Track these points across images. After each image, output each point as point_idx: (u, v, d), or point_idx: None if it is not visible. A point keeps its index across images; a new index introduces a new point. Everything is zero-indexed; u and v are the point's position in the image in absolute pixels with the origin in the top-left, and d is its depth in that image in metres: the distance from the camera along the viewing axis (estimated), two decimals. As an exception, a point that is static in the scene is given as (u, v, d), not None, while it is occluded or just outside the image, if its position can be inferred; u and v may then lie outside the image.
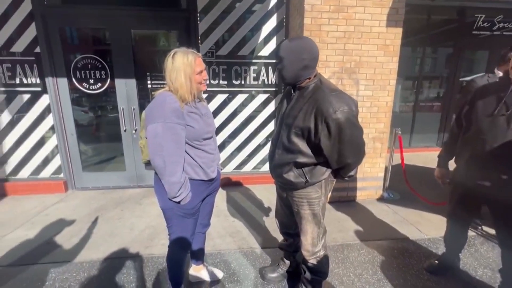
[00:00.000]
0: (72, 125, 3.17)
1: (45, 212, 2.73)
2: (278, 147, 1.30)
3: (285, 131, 1.24)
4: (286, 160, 1.26)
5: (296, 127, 1.18)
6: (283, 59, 1.16)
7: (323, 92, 1.14)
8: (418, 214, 2.65)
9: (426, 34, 4.65)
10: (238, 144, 3.48)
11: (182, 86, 1.19)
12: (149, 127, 1.15)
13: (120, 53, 3.03)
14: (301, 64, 1.15)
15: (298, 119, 1.17)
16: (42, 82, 3.00)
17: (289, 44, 1.15)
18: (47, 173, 3.26)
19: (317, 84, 1.20)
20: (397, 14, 2.55)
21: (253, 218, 2.62)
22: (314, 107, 1.12)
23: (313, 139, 1.16)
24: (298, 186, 1.29)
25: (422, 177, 3.59)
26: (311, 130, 1.15)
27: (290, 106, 1.24)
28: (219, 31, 3.13)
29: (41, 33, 2.88)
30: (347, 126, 1.10)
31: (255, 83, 3.32)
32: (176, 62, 1.18)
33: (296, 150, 1.22)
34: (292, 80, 1.20)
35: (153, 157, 1.16)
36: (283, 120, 1.27)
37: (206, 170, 1.32)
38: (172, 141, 1.15)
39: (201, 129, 1.26)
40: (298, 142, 1.20)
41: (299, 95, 1.22)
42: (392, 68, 2.69)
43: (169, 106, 1.15)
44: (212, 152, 1.36)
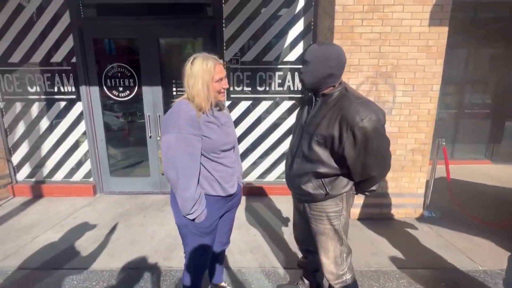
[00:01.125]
0: (102, 131, 3.29)
1: (74, 215, 2.82)
2: (297, 156, 1.23)
3: (306, 139, 1.18)
4: (305, 169, 1.19)
5: (319, 135, 1.11)
6: (308, 64, 1.11)
7: (349, 100, 1.07)
8: (467, 239, 2.28)
9: (472, 33, 4.18)
10: (261, 152, 3.35)
11: (199, 93, 1.10)
12: (163, 138, 1.08)
13: (147, 62, 3.10)
14: (326, 72, 1.10)
15: (321, 127, 1.11)
16: (77, 90, 3.17)
17: (317, 49, 1.10)
18: (78, 176, 3.41)
19: (342, 92, 1.13)
20: (441, 11, 2.28)
21: (276, 232, 2.45)
22: (339, 114, 1.06)
23: (336, 148, 1.09)
24: (317, 198, 1.19)
25: (469, 193, 3.15)
26: (335, 139, 1.08)
27: (312, 114, 1.18)
28: (244, 37, 3.07)
29: (77, 44, 3.04)
30: (374, 136, 1.03)
31: (280, 90, 3.19)
32: (195, 67, 1.10)
33: (317, 160, 1.14)
34: (312, 86, 1.15)
35: (166, 169, 1.08)
36: (303, 128, 1.21)
37: (224, 185, 1.20)
38: (186, 153, 1.06)
39: (219, 140, 1.16)
40: (320, 151, 1.13)
41: (322, 102, 1.16)
42: (435, 72, 2.39)
43: (184, 115, 1.07)
44: (231, 165, 1.24)
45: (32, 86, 3.18)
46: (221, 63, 1.17)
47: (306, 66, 1.12)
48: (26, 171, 3.41)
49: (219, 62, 1.15)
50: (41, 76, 3.15)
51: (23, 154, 3.36)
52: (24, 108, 3.24)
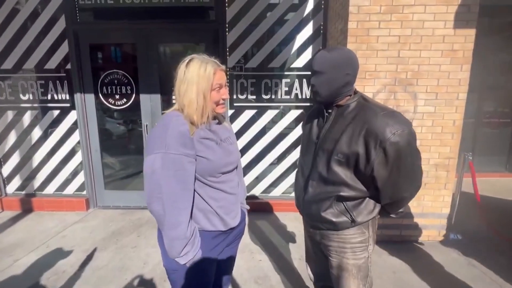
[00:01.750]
0: (97, 142, 3.09)
1: (63, 233, 2.59)
2: (312, 178, 1.05)
3: (323, 158, 1.01)
4: (325, 194, 1.01)
5: (339, 153, 0.95)
6: (321, 74, 0.95)
7: (372, 111, 0.92)
8: (505, 269, 1.99)
9: (490, 38, 3.94)
10: (266, 164, 3.11)
11: (191, 103, 0.88)
12: (146, 160, 0.85)
13: (146, 68, 2.91)
14: (343, 80, 0.94)
15: (341, 144, 0.94)
16: (71, 98, 2.99)
17: (329, 56, 0.94)
18: (71, 189, 3.20)
19: (360, 102, 0.98)
20: (468, 12, 2.05)
21: (284, 258, 2.18)
22: (363, 128, 0.90)
23: (362, 167, 0.93)
24: (341, 227, 1.01)
25: (499, 212, 2.85)
26: (360, 157, 0.91)
27: (327, 128, 1.02)
28: (248, 43, 2.87)
29: (72, 50, 2.88)
30: (409, 153, 0.90)
31: (286, 98, 2.97)
32: (190, 71, 0.89)
33: (339, 181, 0.97)
34: (328, 98, 0.99)
35: (149, 200, 0.85)
36: (317, 145, 1.05)
37: (224, 218, 0.96)
38: (175, 179, 0.83)
39: (219, 160, 0.92)
40: (341, 171, 0.96)
41: (337, 114, 1.00)
42: (461, 78, 2.15)
43: (173, 131, 0.84)
44: (233, 191, 1.01)
45: (24, 94, 3.01)
46: (223, 69, 0.95)
47: (318, 77, 0.96)
48: (17, 183, 3.21)
49: (220, 68, 0.93)
50: (34, 83, 2.99)
51: (14, 165, 3.16)
52: (16, 117, 3.06)
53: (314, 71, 0.96)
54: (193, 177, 0.89)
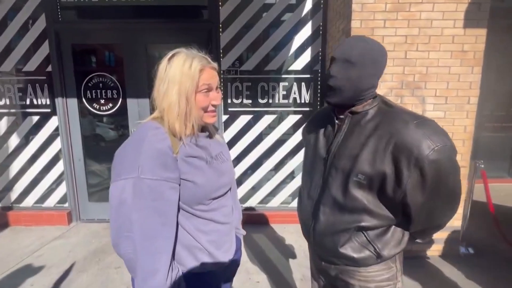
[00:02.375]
0: (80, 150, 2.86)
1: (39, 252, 2.34)
2: (324, 203, 0.84)
3: (337, 179, 0.80)
4: (342, 224, 0.81)
5: (360, 173, 0.75)
6: (353, 67, 0.74)
7: (401, 119, 0.72)
8: (524, 288, 1.82)
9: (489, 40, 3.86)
10: (263, 173, 2.92)
11: (171, 108, 0.69)
12: (112, 187, 0.65)
13: (133, 71, 2.71)
14: (372, 81, 0.77)
15: (362, 161, 0.74)
16: (52, 102, 2.76)
17: (368, 47, 0.74)
18: (51, 202, 2.94)
19: (381, 108, 0.79)
20: (479, 11, 1.92)
21: (284, 278, 1.98)
22: (390, 142, 0.71)
23: (390, 192, 0.74)
24: (364, 263, 0.81)
25: (507, 220, 2.71)
26: (388, 178, 0.72)
27: (340, 140, 0.82)
28: (243, 44, 2.70)
29: (53, 51, 2.66)
30: (451, 171, 0.71)
31: (285, 102, 2.80)
32: (172, 68, 0.70)
33: (360, 208, 0.78)
34: (349, 100, 0.79)
35: (116, 241, 0.65)
36: (327, 161, 0.84)
37: (216, 254, 0.77)
38: (152, 212, 0.64)
39: (209, 184, 0.73)
40: (363, 195, 0.77)
41: (352, 123, 0.81)
42: (472, 81, 2.01)
43: (150, 148, 0.65)
44: (227, 220, 0.81)
45: (1, 98, 2.77)
46: (214, 68, 0.76)
47: (346, 69, 0.74)
48: (-8, 196, 2.95)
49: (210, 65, 0.74)
50: (11, 87, 2.76)
51: (-11, 176, 2.91)
52: (-9, 123, 2.82)
53: (342, 58, 0.75)
54: (176, 208, 0.69)
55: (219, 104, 0.78)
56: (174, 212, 0.68)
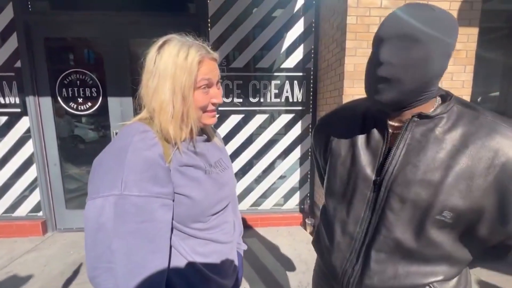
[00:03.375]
0: (55, 153, 2.62)
1: (8, 269, 2.10)
2: (379, 249, 0.59)
3: (404, 216, 0.56)
4: (409, 279, 0.58)
5: (448, 210, 0.52)
6: (415, 44, 0.48)
7: (503, 129, 0.51)
8: (506, 280, 1.85)
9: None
10: (255, 175, 2.81)
11: (164, 110, 0.57)
12: (88, 206, 0.52)
13: (114, 67, 2.52)
14: (444, 64, 0.51)
15: (450, 191, 0.51)
16: (22, 101, 2.50)
17: (434, 13, 0.48)
18: (23, 211, 2.68)
19: (463, 110, 0.55)
20: (471, 9, 1.92)
21: (280, 285, 1.89)
22: (494, 164, 0.50)
23: (484, 232, 0.53)
24: None
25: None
26: (486, 214, 0.51)
27: (401, 158, 0.56)
28: (233, 40, 2.58)
29: (23, 44, 2.41)
30: None
31: (277, 101, 2.71)
32: (163, 58, 0.58)
33: (441, 256, 0.56)
34: (409, 98, 0.54)
35: (92, 273, 0.52)
36: (381, 187, 0.58)
37: (216, 279, 0.65)
38: (138, 236, 0.51)
39: (208, 198, 0.62)
40: (446, 239, 0.55)
41: (420, 133, 0.56)
42: (465, 80, 2.01)
43: (136, 157, 0.53)
44: (229, 238, 0.70)
45: (-39, 97, 2.48)
46: (214, 57, 0.63)
47: (406, 50, 0.49)
48: (-47, 206, 2.64)
49: (210, 56, 0.62)
50: (-26, 84, 2.47)
51: (-51, 184, 2.60)
52: (-49, 125, 2.52)
53: (398, 34, 0.49)
54: (169, 230, 0.57)
55: (221, 103, 0.66)
56: (167, 235, 0.56)
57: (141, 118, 0.63)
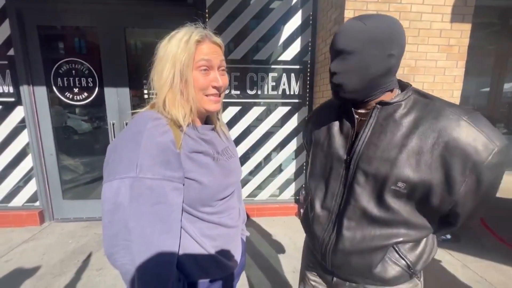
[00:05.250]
0: (51, 143, 2.60)
1: (7, 257, 2.12)
2: (348, 216, 0.69)
3: (368, 187, 0.66)
4: (375, 240, 0.67)
5: (401, 181, 0.61)
6: (351, 56, 0.61)
7: (449, 113, 0.59)
8: (498, 270, 1.97)
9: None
10: (252, 166, 2.87)
11: (165, 85, 0.62)
12: (105, 188, 0.55)
13: (111, 57, 2.49)
14: (384, 66, 0.62)
15: (401, 166, 0.61)
16: (16, 91, 2.47)
17: (364, 28, 0.60)
18: (19, 201, 2.68)
19: (417, 99, 0.65)
20: (465, 6, 1.97)
21: (276, 271, 1.97)
22: (438, 142, 0.59)
23: (436, 201, 0.61)
24: (394, 282, 0.69)
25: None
26: (435, 186, 0.60)
27: (367, 139, 0.67)
28: (231, 32, 2.58)
29: (16, 32, 2.36)
30: (503, 172, 0.60)
31: (274, 93, 2.74)
32: (171, 44, 0.62)
33: (400, 222, 0.65)
34: (360, 94, 0.66)
35: (110, 250, 0.55)
36: (350, 164, 0.68)
37: (223, 261, 0.70)
38: (152, 217, 0.55)
39: (216, 183, 0.65)
40: (401, 206, 0.64)
41: (382, 118, 0.66)
42: (456, 75, 2.08)
43: (150, 143, 0.56)
44: (235, 223, 0.74)
45: (-48, 85, 2.43)
46: (216, 43, 0.66)
47: (345, 61, 0.62)
48: None
49: (211, 39, 0.65)
50: (-35, 73, 2.42)
51: None
52: None
53: (337, 50, 0.63)
54: (180, 211, 0.61)
55: (225, 88, 0.69)
56: (178, 217, 0.60)
57: (152, 106, 0.66)
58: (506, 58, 4.23)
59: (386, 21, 0.61)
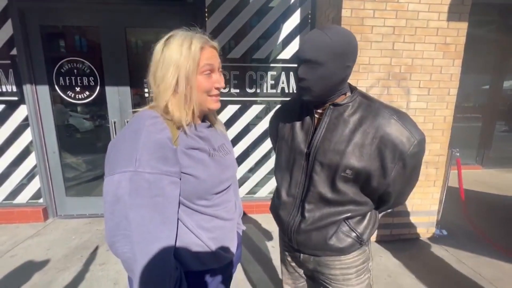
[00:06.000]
0: (54, 141, 2.65)
1: (12, 252, 2.18)
2: (309, 201, 0.83)
3: (323, 175, 0.79)
4: (329, 217, 0.82)
5: (348, 169, 0.75)
6: (318, 66, 0.70)
7: (383, 114, 0.74)
8: (492, 265, 2.00)
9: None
10: (251, 164, 2.90)
11: (168, 92, 0.65)
12: (107, 181, 0.60)
13: (112, 56, 2.53)
14: (343, 74, 0.73)
15: (348, 156, 0.74)
16: (20, 90, 2.51)
17: (329, 42, 0.69)
18: (24, 198, 2.73)
19: (362, 101, 0.78)
20: (462, 4, 1.98)
21: (274, 266, 2.01)
22: (375, 137, 0.73)
23: (375, 184, 0.77)
24: (348, 251, 0.84)
25: (479, 206, 2.94)
26: (374, 172, 0.75)
27: (322, 135, 0.78)
28: (230, 30, 2.61)
29: (18, 32, 2.40)
30: (421, 158, 0.78)
31: (272, 92, 2.77)
32: (169, 49, 0.65)
33: (348, 201, 0.80)
34: (323, 97, 0.77)
35: (111, 239, 0.60)
36: (309, 157, 0.81)
37: (218, 252, 0.74)
38: (151, 209, 0.59)
39: (211, 178, 0.69)
40: (349, 189, 0.78)
41: (334, 117, 0.78)
42: (453, 74, 2.10)
43: (148, 140, 0.60)
44: (230, 216, 0.78)
45: (-43, 85, 2.48)
46: (214, 47, 0.71)
47: (312, 69, 0.71)
48: (-48, 193, 2.68)
49: (210, 44, 0.70)
50: (-31, 72, 2.46)
51: None
52: None
53: (306, 60, 0.71)
54: (177, 204, 0.65)
55: (224, 88, 0.73)
56: (175, 209, 0.64)
57: (150, 107, 0.70)
58: (506, 56, 4.23)
59: (346, 36, 0.70)
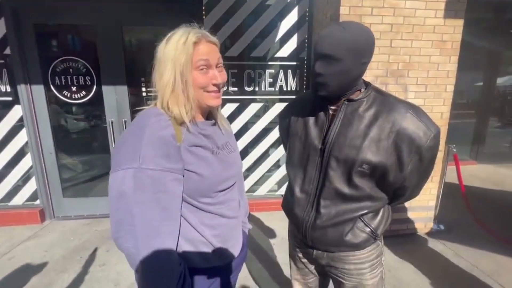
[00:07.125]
0: (50, 142, 2.61)
1: (10, 255, 2.15)
2: (324, 196, 0.82)
3: (339, 170, 0.79)
4: (346, 214, 0.82)
5: (364, 164, 0.75)
6: (336, 62, 0.69)
7: (399, 108, 0.74)
8: (489, 258, 2.04)
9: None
10: (250, 162, 2.90)
11: (167, 87, 0.65)
12: (112, 178, 0.60)
13: (108, 55, 2.50)
14: (359, 71, 0.74)
15: (365, 151, 0.74)
16: (14, 90, 2.46)
17: (349, 38, 0.68)
18: (20, 199, 2.69)
19: (376, 96, 0.78)
20: (458, 2, 2.01)
21: (277, 264, 2.02)
22: (392, 131, 0.73)
23: (391, 178, 0.77)
24: (363, 246, 0.85)
25: (478, 200, 2.98)
26: (391, 166, 0.75)
27: (337, 130, 0.78)
28: (228, 28, 2.60)
29: (11, 31, 2.35)
30: (437, 151, 0.79)
31: (271, 90, 2.77)
32: (169, 45, 0.65)
33: (365, 196, 0.80)
34: (338, 93, 0.77)
35: (116, 234, 0.60)
36: (324, 152, 0.80)
37: (222, 248, 0.74)
38: (154, 205, 0.59)
39: (214, 176, 0.69)
40: (366, 184, 0.78)
41: (349, 112, 0.78)
42: (449, 70, 2.13)
43: (152, 137, 0.60)
44: (234, 214, 0.78)
45: (-51, 85, 2.42)
46: (213, 42, 0.69)
47: (330, 65, 0.70)
48: None
49: (208, 39, 0.67)
50: (-39, 72, 2.41)
51: None
52: None
53: (323, 55, 0.70)
54: (180, 201, 0.65)
55: (224, 84, 0.72)
56: (178, 205, 0.64)
57: (155, 104, 0.69)
58: (499, 53, 4.30)
59: (365, 32, 0.70)
